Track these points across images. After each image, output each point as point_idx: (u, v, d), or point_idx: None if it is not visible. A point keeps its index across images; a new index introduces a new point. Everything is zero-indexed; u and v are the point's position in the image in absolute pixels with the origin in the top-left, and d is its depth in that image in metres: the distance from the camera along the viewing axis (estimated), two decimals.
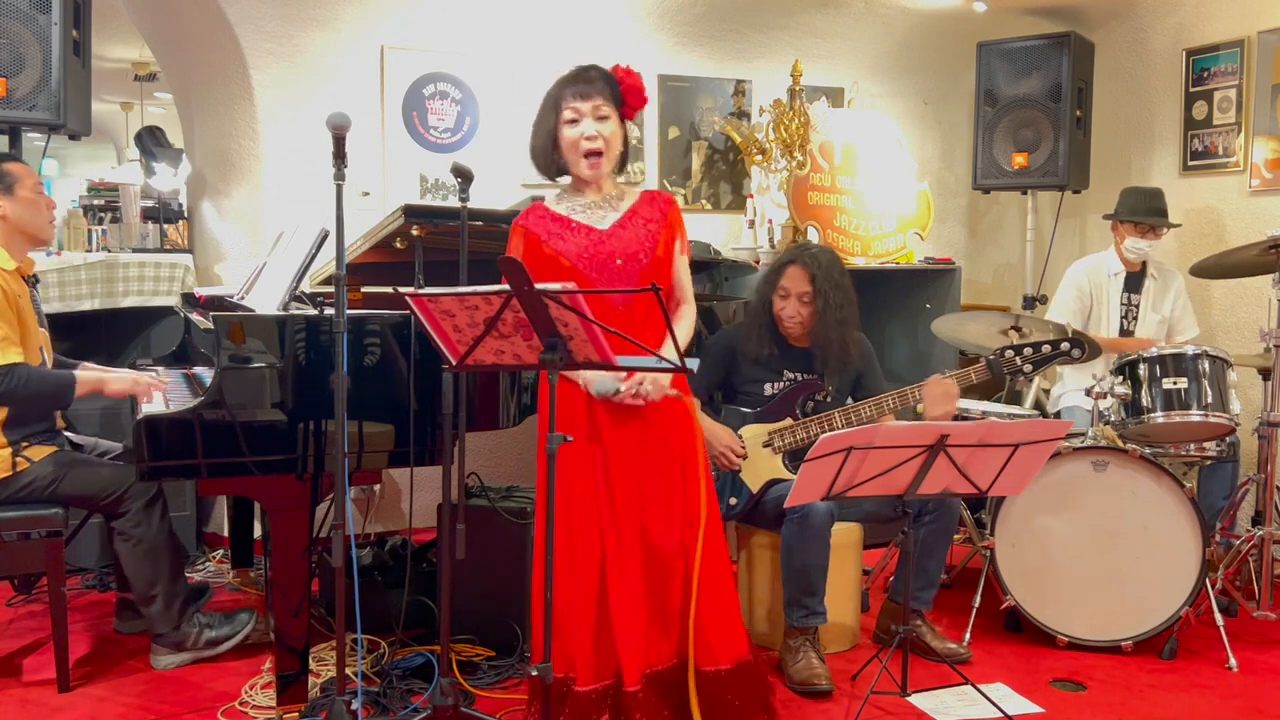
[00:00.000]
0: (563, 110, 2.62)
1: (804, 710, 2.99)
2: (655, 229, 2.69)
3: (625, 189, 2.76)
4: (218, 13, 4.23)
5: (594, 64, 2.69)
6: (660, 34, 5.00)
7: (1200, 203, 4.89)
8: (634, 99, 2.68)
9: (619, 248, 2.65)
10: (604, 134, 2.61)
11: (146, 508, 3.12)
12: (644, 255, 2.66)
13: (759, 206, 5.03)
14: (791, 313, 3.37)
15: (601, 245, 2.65)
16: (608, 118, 2.63)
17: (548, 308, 2.11)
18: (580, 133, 2.61)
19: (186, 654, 3.21)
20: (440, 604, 2.79)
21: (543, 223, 2.69)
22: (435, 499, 3.03)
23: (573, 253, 2.64)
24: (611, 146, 2.64)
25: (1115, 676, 3.22)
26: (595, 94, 2.61)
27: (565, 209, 2.70)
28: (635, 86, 2.68)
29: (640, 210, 2.71)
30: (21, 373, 3.00)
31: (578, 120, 2.61)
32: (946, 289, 4.99)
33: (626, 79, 2.68)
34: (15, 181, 3.17)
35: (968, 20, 5.29)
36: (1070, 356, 3.20)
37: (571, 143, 2.62)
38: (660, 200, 2.75)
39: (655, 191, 2.80)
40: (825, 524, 3.11)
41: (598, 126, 2.61)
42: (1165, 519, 3.33)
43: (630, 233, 2.67)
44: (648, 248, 2.67)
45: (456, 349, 2.27)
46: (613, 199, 2.71)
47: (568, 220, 2.68)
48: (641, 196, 2.74)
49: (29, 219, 3.19)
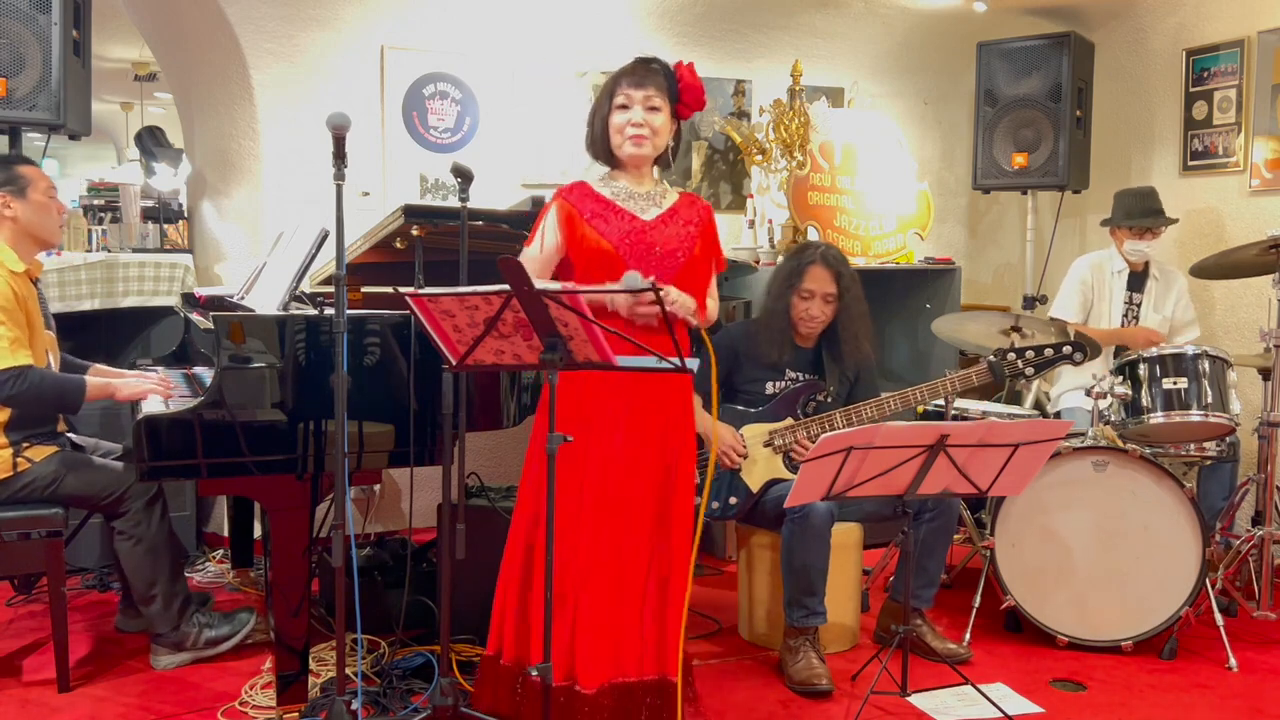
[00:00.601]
0: (616, 96, 2.65)
1: (804, 710, 2.99)
2: (694, 230, 2.72)
3: (668, 187, 2.77)
4: (218, 13, 4.23)
5: (657, 57, 2.71)
6: (660, 34, 5.00)
7: (1200, 203, 4.89)
8: (690, 98, 2.69)
9: (660, 241, 2.66)
10: (652, 123, 2.63)
11: (146, 507, 3.12)
12: (682, 254, 2.68)
13: (759, 206, 5.03)
14: (816, 313, 3.35)
15: (643, 235, 2.66)
16: (659, 109, 2.64)
17: (548, 308, 2.11)
18: (628, 119, 2.63)
19: (186, 654, 3.21)
20: (440, 604, 2.79)
21: (585, 201, 2.68)
22: (435, 499, 3.03)
23: (615, 237, 2.64)
24: (658, 136, 2.65)
25: (1115, 676, 3.22)
26: (650, 85, 2.63)
27: (610, 192, 2.70)
28: (694, 86, 2.69)
29: (681, 211, 2.73)
30: (34, 376, 3.00)
31: (628, 107, 2.63)
32: (946, 289, 4.99)
33: (687, 77, 2.69)
34: (29, 184, 3.18)
35: (968, 20, 5.29)
36: (1072, 360, 3.20)
37: (618, 127, 2.65)
38: (699, 206, 2.78)
39: (694, 195, 2.83)
40: (825, 524, 3.11)
41: (646, 115, 2.62)
42: (1165, 519, 3.33)
43: (672, 230, 2.69)
44: (686, 246, 2.69)
45: (456, 349, 2.28)
46: (655, 194, 2.72)
47: (611, 203, 2.68)
48: (682, 198, 2.76)
49: (39, 222, 3.19)
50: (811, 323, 3.36)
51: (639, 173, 2.72)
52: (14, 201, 3.15)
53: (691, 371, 2.24)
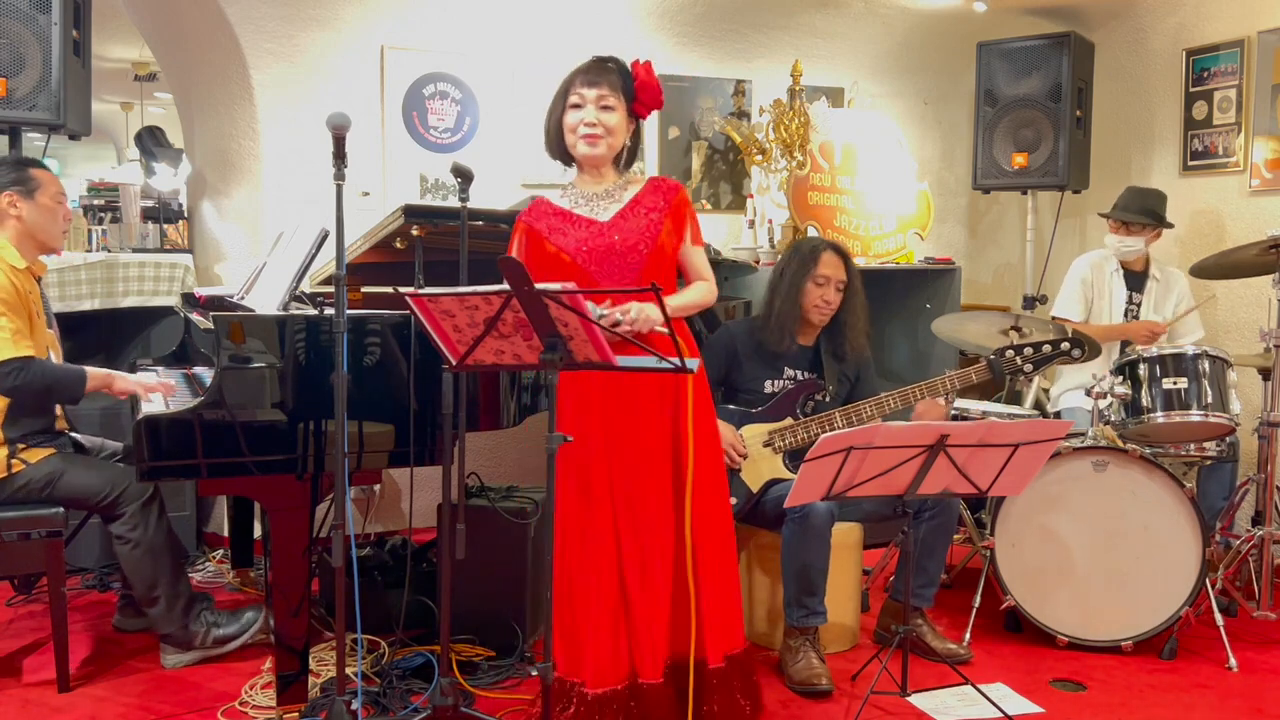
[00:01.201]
0: (570, 95, 2.63)
1: (804, 710, 2.99)
2: (658, 217, 2.66)
3: (632, 178, 2.74)
4: (218, 13, 4.23)
5: (614, 56, 2.67)
6: (660, 34, 5.00)
7: (1200, 203, 4.88)
8: (647, 96, 2.65)
9: (619, 239, 2.63)
10: (605, 123, 2.60)
11: (143, 510, 3.11)
12: (644, 246, 2.64)
13: (759, 206, 5.03)
14: (831, 298, 3.38)
15: (600, 236, 2.64)
16: (612, 109, 2.61)
17: (548, 308, 2.11)
18: (580, 118, 2.61)
19: (195, 652, 3.22)
20: (440, 604, 2.79)
21: (544, 218, 2.68)
22: (435, 499, 3.03)
23: (572, 247, 2.63)
24: (613, 135, 2.62)
25: (1115, 676, 3.22)
26: (603, 84, 2.60)
27: (568, 202, 2.70)
28: (650, 85, 2.65)
29: (644, 199, 2.68)
30: (36, 366, 3.01)
31: (581, 106, 2.61)
32: (946, 289, 4.99)
33: (643, 75, 2.65)
34: (38, 187, 3.19)
35: (968, 20, 5.29)
36: (1070, 356, 3.20)
37: (571, 126, 2.63)
38: (665, 187, 2.72)
39: (662, 179, 2.77)
40: (825, 524, 3.11)
41: (599, 115, 2.60)
42: (1165, 519, 3.33)
43: (631, 222, 2.65)
44: (648, 238, 2.64)
45: (456, 349, 2.27)
46: (615, 189, 2.69)
47: (569, 214, 2.68)
48: (647, 185, 2.72)
49: (43, 226, 3.20)
50: (824, 309, 3.38)
51: (597, 173, 2.69)
52: (21, 202, 3.16)
53: (692, 371, 2.24)
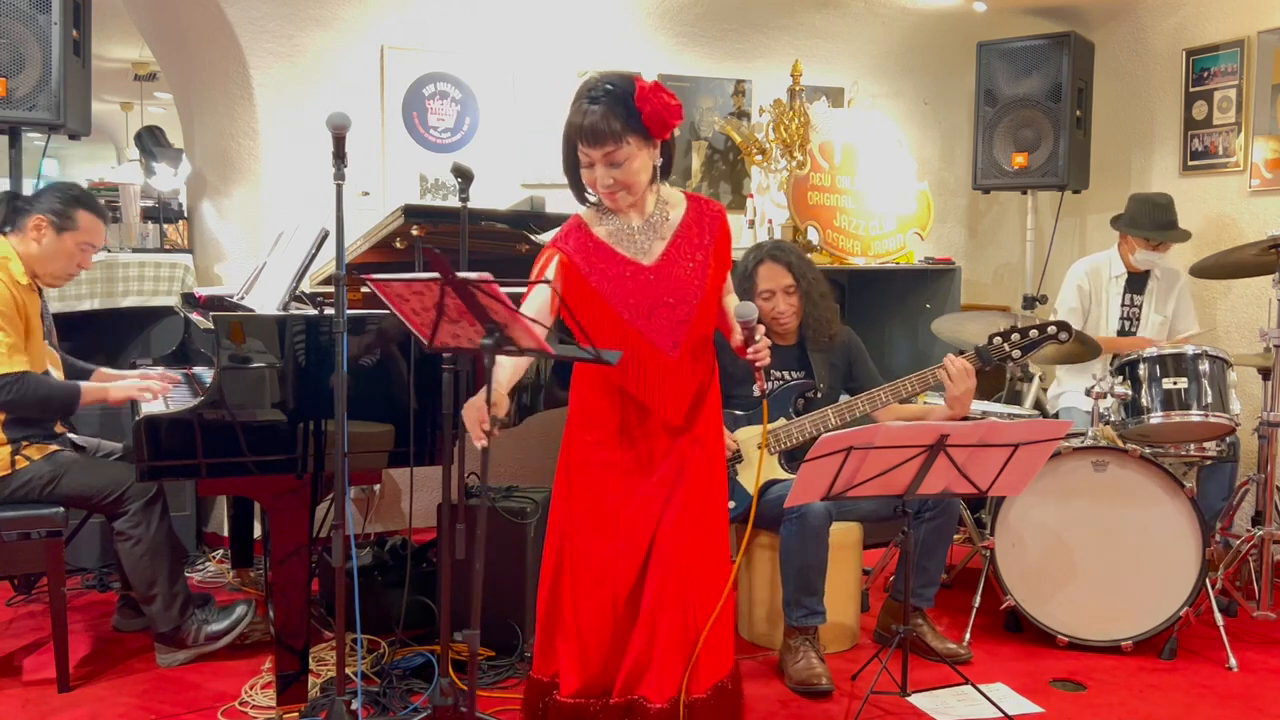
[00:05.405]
0: (578, 152, 2.42)
1: (804, 710, 2.99)
2: (703, 258, 2.47)
3: (670, 197, 2.52)
4: (218, 13, 4.23)
5: (606, 88, 2.36)
6: (660, 34, 5.00)
7: (1200, 203, 4.88)
8: (661, 120, 2.37)
9: (669, 289, 2.45)
10: (620, 178, 2.39)
11: (146, 508, 3.12)
12: (694, 297, 2.45)
13: (759, 206, 5.03)
14: (783, 308, 3.38)
15: (647, 288, 2.44)
16: (624, 159, 2.37)
17: (475, 296, 2.08)
18: (594, 178, 2.42)
19: (189, 651, 3.22)
20: (440, 604, 2.79)
21: (582, 250, 2.46)
22: (435, 499, 3.03)
23: (616, 298, 2.44)
24: (634, 179, 2.40)
25: (1115, 676, 3.22)
26: (606, 140, 2.34)
27: (606, 232, 2.48)
28: (660, 108, 2.36)
29: (688, 233, 2.48)
30: (30, 381, 3.02)
31: (591, 165, 2.41)
32: (946, 289, 5.00)
33: (652, 100, 2.35)
34: (72, 228, 3.19)
35: (968, 20, 5.29)
36: (1058, 340, 3.20)
37: (589, 182, 2.44)
38: (709, 215, 2.52)
39: (703, 200, 2.55)
40: (823, 524, 3.11)
41: (610, 172, 2.39)
42: (1165, 519, 3.33)
43: (679, 267, 2.45)
44: (699, 280, 2.46)
45: (424, 331, 2.27)
46: (657, 221, 2.48)
47: (610, 250, 2.47)
48: (689, 211, 2.51)
49: (51, 261, 3.20)
50: (783, 318, 3.38)
51: (637, 207, 2.48)
52: (48, 231, 3.17)
53: (610, 363, 2.16)
